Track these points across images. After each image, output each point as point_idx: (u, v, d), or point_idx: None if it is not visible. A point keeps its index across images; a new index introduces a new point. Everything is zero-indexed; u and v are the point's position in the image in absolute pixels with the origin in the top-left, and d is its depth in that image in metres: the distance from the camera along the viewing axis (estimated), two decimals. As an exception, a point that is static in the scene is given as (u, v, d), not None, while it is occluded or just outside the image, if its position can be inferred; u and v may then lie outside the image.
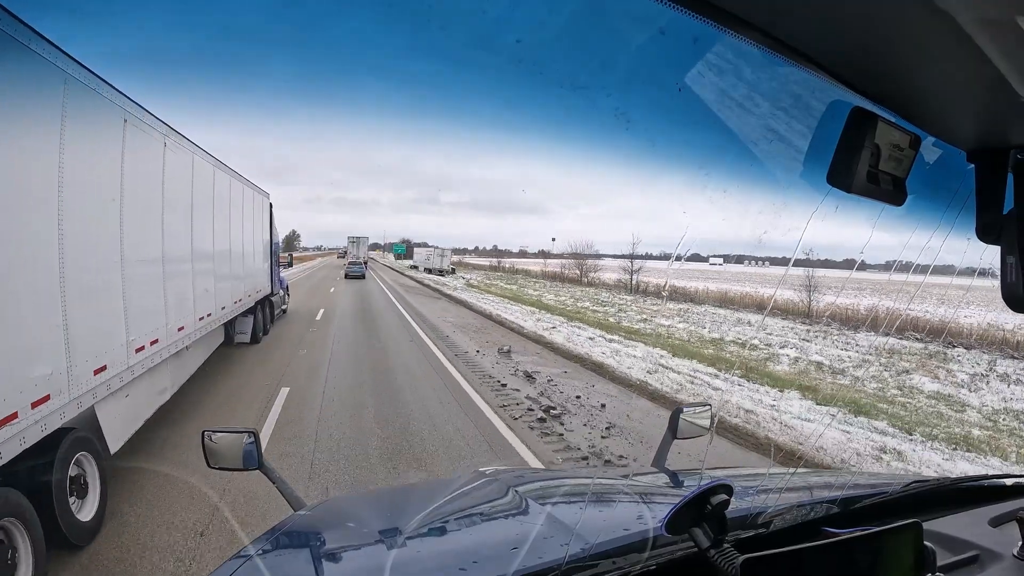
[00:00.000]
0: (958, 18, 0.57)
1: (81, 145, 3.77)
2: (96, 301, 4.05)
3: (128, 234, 4.56)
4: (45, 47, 3.23)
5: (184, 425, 5.95)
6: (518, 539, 1.20)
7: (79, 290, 3.68)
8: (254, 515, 4.08)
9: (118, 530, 3.94)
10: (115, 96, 4.35)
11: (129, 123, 4.62)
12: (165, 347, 5.52)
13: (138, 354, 4.75)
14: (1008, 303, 0.96)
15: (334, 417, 6.61)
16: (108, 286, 4.28)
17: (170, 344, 5.69)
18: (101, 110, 4.15)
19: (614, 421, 7.02)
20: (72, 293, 3.55)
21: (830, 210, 0.83)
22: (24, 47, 3.03)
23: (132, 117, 4.68)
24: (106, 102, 4.21)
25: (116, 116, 4.41)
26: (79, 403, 3.65)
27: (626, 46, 0.87)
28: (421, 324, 15.48)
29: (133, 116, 4.71)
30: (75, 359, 3.60)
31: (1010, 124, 0.86)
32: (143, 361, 4.89)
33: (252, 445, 1.71)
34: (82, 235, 3.79)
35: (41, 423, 3.23)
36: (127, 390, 4.60)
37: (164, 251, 5.61)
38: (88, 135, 3.94)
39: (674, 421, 1.90)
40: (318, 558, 1.22)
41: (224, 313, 8.50)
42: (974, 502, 1.43)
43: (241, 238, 9.82)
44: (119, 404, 4.50)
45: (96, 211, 4.10)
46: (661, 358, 11.88)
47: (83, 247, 3.81)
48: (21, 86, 3.11)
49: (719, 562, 0.87)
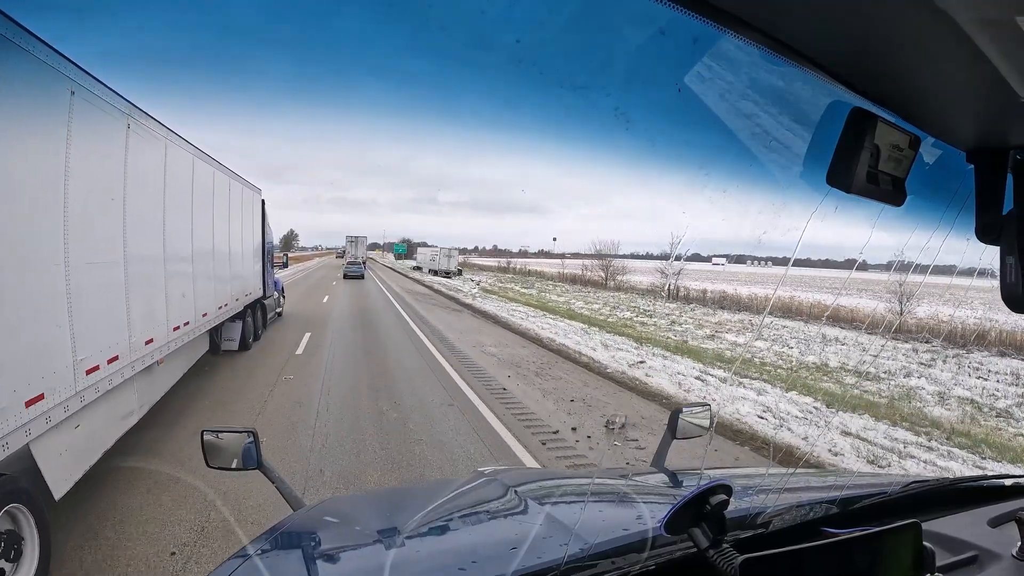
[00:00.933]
0: (957, 18, 0.57)
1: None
2: (27, 314, 3.17)
3: (75, 230, 3.66)
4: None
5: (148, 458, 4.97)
6: (517, 539, 1.20)
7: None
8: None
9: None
10: (59, 63, 3.47)
11: (78, 96, 3.70)
12: (129, 364, 4.67)
13: (90, 376, 3.89)
14: (1008, 304, 0.96)
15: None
16: (45, 295, 3.38)
17: (136, 360, 4.86)
18: (31, 71, 3.20)
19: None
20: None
21: (829, 210, 0.83)
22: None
23: (82, 89, 3.78)
24: (45, 67, 3.31)
25: (61, 86, 3.51)
26: (4, 444, 2.88)
27: (626, 46, 0.87)
28: (450, 358, 10.37)
29: (83, 88, 3.80)
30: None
31: (1009, 124, 0.86)
32: (98, 384, 4.03)
33: (251, 444, 1.71)
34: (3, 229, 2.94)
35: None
36: (77, 419, 3.78)
37: (127, 251, 4.69)
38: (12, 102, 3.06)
39: (673, 421, 1.90)
40: (317, 558, 1.22)
41: (206, 320, 7.59)
42: (973, 502, 1.43)
43: (227, 237, 8.83)
44: (65, 438, 3.65)
45: (28, 200, 3.22)
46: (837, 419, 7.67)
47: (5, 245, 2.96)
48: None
49: (718, 562, 0.87)
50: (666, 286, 30.95)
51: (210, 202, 7.81)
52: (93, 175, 4.07)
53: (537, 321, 17.42)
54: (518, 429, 6.38)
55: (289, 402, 7.13)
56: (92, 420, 4.10)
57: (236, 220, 9.57)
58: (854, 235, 0.96)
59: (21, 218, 3.17)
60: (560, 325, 16.97)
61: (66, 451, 3.71)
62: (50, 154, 3.46)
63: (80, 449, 3.94)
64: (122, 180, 4.64)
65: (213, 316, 7.96)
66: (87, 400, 3.87)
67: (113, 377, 4.34)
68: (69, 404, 3.59)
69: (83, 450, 3.99)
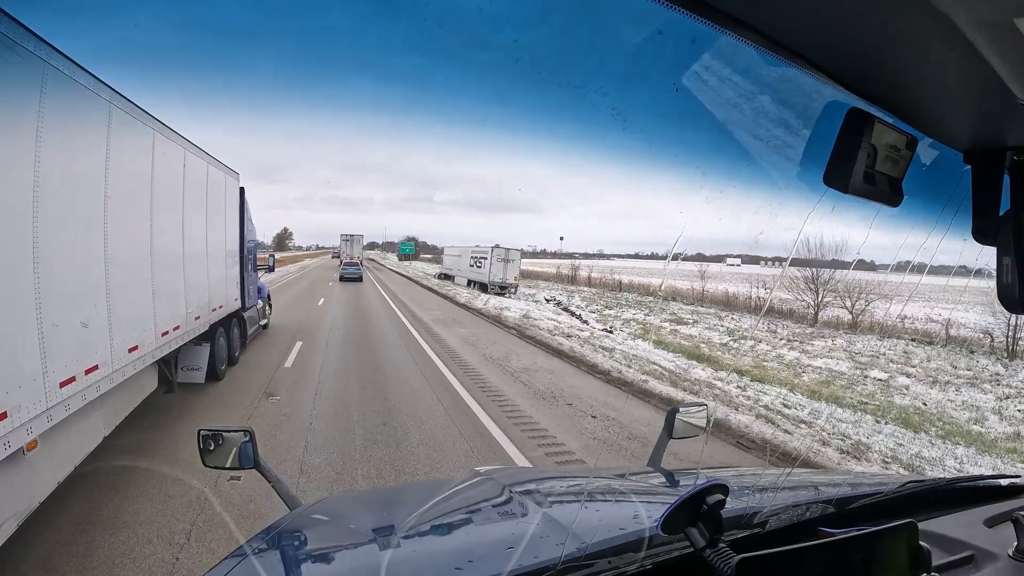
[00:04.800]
0: (955, 20, 0.57)
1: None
2: None
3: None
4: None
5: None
6: (514, 538, 1.20)
7: None
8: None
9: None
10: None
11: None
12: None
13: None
14: (1004, 304, 0.96)
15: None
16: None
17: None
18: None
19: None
20: None
21: (827, 210, 0.83)
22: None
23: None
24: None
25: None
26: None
27: (623, 46, 0.87)
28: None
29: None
30: None
31: (1006, 125, 0.86)
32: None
33: (248, 444, 1.70)
34: None
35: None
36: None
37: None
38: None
39: (670, 420, 1.90)
40: (314, 557, 1.22)
41: (142, 355, 4.98)
42: (969, 502, 1.44)
43: (181, 231, 6.30)
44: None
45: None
46: None
47: None
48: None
49: (715, 562, 0.87)
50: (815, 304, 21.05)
51: (145, 180, 5.17)
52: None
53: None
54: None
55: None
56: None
57: (199, 211, 6.99)
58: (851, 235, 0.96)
59: None
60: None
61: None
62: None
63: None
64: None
65: (151, 349, 5.27)
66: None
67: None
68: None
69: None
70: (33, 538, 3.53)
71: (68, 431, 3.79)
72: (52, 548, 3.54)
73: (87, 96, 3.92)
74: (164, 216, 5.68)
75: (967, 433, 9.10)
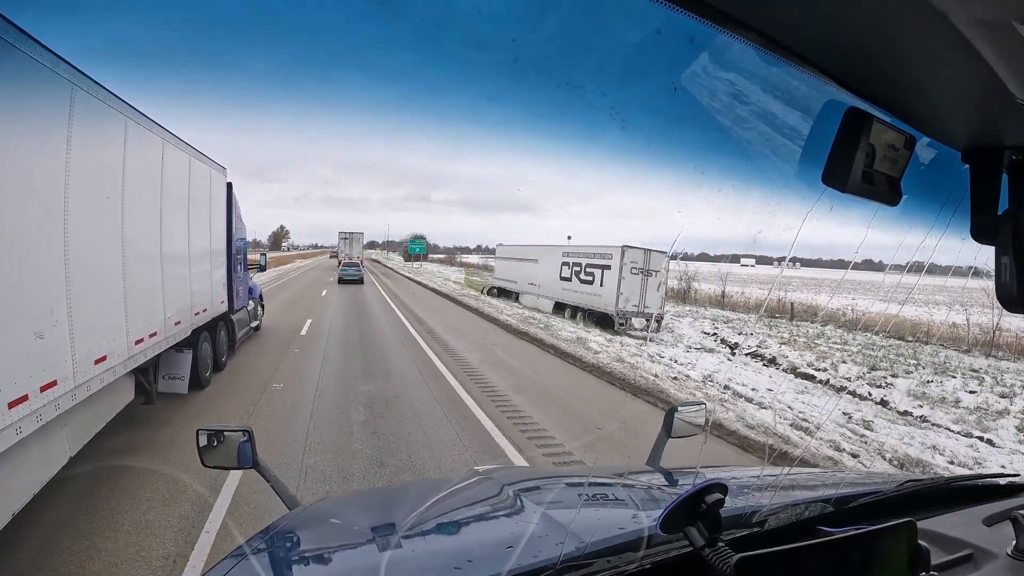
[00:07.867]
0: (954, 19, 0.57)
1: None
2: None
3: None
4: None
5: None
6: (513, 538, 1.20)
7: None
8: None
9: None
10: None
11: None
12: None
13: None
14: (1002, 303, 0.96)
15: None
16: None
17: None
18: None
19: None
20: None
21: (825, 210, 0.83)
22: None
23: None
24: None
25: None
26: None
27: (622, 45, 0.87)
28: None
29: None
30: None
31: (1004, 124, 0.86)
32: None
33: (247, 443, 1.70)
34: None
35: None
36: None
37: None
38: None
39: (669, 420, 1.90)
40: (313, 557, 1.22)
41: (112, 366, 4.56)
42: (968, 501, 1.44)
43: (159, 228, 5.88)
44: None
45: None
46: None
47: None
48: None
49: (714, 561, 0.87)
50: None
51: (116, 171, 4.73)
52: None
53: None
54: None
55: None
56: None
57: (177, 205, 6.52)
58: (849, 235, 0.96)
59: None
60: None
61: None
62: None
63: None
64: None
65: (123, 359, 4.86)
66: None
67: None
68: None
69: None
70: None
71: (22, 457, 3.33)
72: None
73: (44, 74, 3.39)
74: (138, 211, 5.20)
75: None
